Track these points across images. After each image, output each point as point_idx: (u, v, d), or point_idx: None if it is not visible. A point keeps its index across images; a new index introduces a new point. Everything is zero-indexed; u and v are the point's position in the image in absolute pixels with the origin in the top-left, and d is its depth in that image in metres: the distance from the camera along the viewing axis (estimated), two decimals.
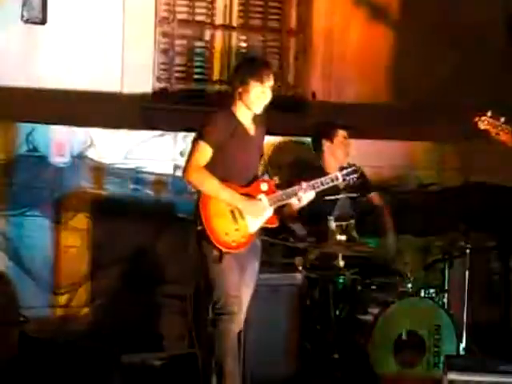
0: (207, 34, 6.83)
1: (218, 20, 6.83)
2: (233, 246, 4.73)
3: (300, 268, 5.45)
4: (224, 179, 4.71)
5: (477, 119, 4.76)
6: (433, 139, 6.58)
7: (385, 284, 5.60)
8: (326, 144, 5.90)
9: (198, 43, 6.83)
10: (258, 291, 5.17)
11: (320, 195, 5.44)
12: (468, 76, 6.92)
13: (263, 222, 4.82)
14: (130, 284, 5.99)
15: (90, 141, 6.06)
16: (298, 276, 5.39)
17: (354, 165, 5.04)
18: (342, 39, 6.88)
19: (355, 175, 5.01)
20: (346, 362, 5.35)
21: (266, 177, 4.92)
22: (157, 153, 6.17)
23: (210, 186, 4.69)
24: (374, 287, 5.61)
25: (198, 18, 6.81)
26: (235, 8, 6.83)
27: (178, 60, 6.76)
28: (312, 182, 4.90)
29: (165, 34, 6.70)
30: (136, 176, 6.12)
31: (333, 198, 5.75)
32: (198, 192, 4.76)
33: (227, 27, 6.84)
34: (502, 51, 7.07)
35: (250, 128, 4.84)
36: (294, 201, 4.88)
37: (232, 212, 4.74)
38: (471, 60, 6.96)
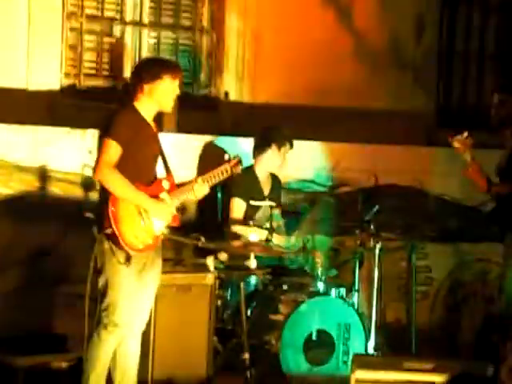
0: (117, 30, 6.95)
1: (129, 16, 6.97)
2: (141, 249, 4.86)
3: (211, 268, 5.66)
4: (130, 178, 4.81)
5: (451, 138, 5.48)
6: (344, 140, 6.88)
7: (296, 284, 5.86)
8: (272, 149, 6.15)
9: (108, 39, 6.94)
10: (168, 291, 5.37)
11: (247, 201, 6.03)
12: (380, 81, 7.28)
13: (166, 223, 4.98)
14: (36, 284, 6.06)
15: None
16: (209, 276, 5.58)
17: (237, 156, 5.26)
18: (254, 39, 7.10)
19: (240, 166, 5.23)
20: (257, 361, 5.55)
21: (165, 174, 5.05)
22: (64, 150, 6.25)
23: (120, 185, 4.78)
24: (285, 287, 5.86)
25: (108, 13, 6.92)
26: (146, 4, 6.98)
27: (86, 56, 6.85)
28: (205, 176, 5.11)
29: (73, 30, 6.78)
30: (42, 174, 6.19)
31: (258, 204, 6.11)
32: (105, 193, 4.84)
33: (137, 24, 6.98)
34: (414, 57, 7.47)
35: (152, 125, 5.00)
36: (190, 196, 5.08)
37: (140, 213, 4.87)
38: (384, 66, 7.32)
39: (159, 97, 4.93)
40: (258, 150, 6.21)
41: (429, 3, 7.57)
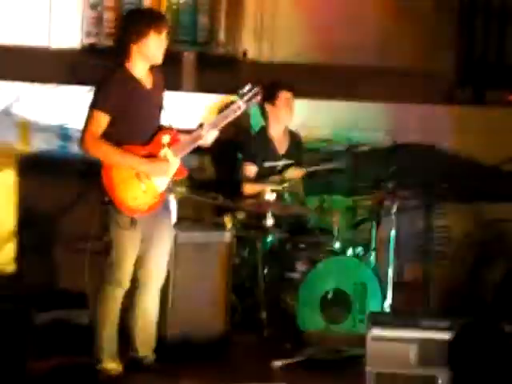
0: None
1: None
2: (145, 210, 4.82)
3: (229, 226, 5.66)
4: (125, 141, 4.77)
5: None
6: (362, 99, 6.82)
7: (313, 243, 5.86)
8: (268, 107, 6.12)
9: None
10: (186, 249, 5.38)
11: (260, 164, 6.00)
12: (398, 40, 7.18)
13: (172, 177, 4.92)
14: (57, 241, 6.11)
15: (17, 96, 6.14)
16: (227, 234, 5.57)
17: (252, 87, 5.04)
18: None
19: (258, 97, 5.07)
20: (274, 319, 5.59)
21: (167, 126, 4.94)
22: (84, 109, 6.25)
23: (108, 154, 4.73)
24: (302, 246, 5.86)
25: None
26: None
27: (107, 15, 6.85)
28: (214, 120, 4.99)
29: None
30: (63, 132, 6.22)
31: (273, 164, 6.06)
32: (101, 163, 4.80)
33: None
34: (435, 14, 7.35)
35: (147, 81, 4.90)
36: (200, 143, 4.97)
37: (137, 175, 4.80)
38: (404, 23, 7.21)
39: (148, 52, 4.82)
40: (263, 114, 6.17)
41: None
